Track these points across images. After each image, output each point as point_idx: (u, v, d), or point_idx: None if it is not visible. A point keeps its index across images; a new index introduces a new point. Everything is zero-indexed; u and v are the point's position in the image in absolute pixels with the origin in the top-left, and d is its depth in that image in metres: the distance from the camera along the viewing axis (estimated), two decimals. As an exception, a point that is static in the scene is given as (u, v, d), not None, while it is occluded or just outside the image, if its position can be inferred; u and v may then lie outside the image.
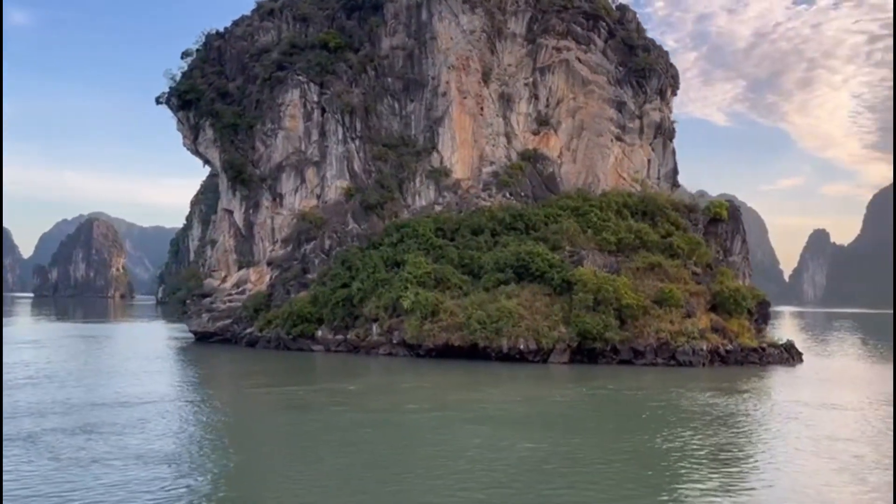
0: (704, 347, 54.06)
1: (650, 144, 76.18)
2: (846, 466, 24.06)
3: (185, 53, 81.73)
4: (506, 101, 74.33)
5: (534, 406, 35.76)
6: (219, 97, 75.95)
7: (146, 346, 69.18)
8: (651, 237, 64.05)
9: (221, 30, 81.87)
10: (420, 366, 52.36)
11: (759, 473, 23.29)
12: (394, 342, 58.47)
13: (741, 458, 25.12)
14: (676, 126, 77.97)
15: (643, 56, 75.90)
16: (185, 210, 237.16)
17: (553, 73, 74.52)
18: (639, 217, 67.45)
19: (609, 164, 73.46)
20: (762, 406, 36.32)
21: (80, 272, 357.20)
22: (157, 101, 77.50)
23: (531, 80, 75.08)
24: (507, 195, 71.00)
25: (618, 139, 74.17)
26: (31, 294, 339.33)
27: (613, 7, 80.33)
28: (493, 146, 73.22)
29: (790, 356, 58.33)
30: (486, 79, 73.65)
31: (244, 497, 20.22)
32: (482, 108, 73.28)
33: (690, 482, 21.94)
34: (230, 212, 75.06)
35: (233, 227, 74.78)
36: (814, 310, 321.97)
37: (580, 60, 74.16)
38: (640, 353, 54.20)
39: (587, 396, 39.40)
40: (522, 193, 71.39)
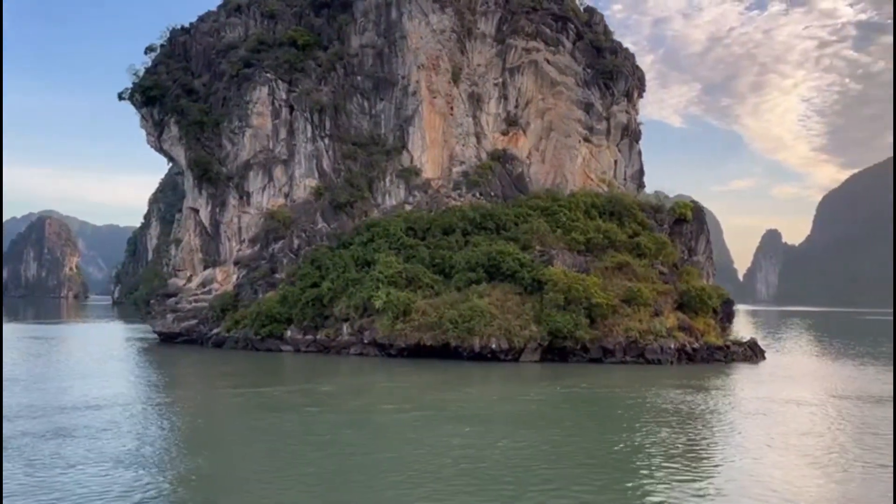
0: (672, 346, 55.09)
1: (617, 146, 77.33)
2: (816, 460, 24.86)
3: (149, 49, 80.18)
4: (475, 101, 74.51)
5: (510, 405, 36.00)
6: (184, 94, 74.55)
7: (109, 348, 67.48)
8: (619, 237, 65.03)
9: (187, 25, 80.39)
10: (392, 366, 52.18)
11: (733, 466, 23.97)
12: (364, 342, 58.18)
13: (716, 454, 25.79)
14: (642, 128, 79.47)
15: (611, 58, 77.02)
16: (140, 208, 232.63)
17: (522, 74, 74.98)
18: (606, 217, 68.35)
19: (577, 165, 74.27)
20: (731, 402, 37.25)
21: (32, 272, 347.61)
22: (120, 97, 75.86)
23: (500, 81, 75.40)
24: (477, 195, 71.25)
25: (585, 140, 75.01)
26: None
27: (582, 9, 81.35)
28: (463, 146, 73.39)
29: (754, 354, 59.92)
30: (456, 78, 73.77)
31: (225, 499, 19.93)
32: (452, 108, 73.39)
33: (673, 477, 22.41)
34: (196, 210, 73.73)
35: (198, 226, 73.49)
36: (766, 308, 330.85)
37: (549, 62, 74.77)
38: (610, 352, 54.97)
39: (561, 395, 39.80)
40: (492, 193, 71.73)
